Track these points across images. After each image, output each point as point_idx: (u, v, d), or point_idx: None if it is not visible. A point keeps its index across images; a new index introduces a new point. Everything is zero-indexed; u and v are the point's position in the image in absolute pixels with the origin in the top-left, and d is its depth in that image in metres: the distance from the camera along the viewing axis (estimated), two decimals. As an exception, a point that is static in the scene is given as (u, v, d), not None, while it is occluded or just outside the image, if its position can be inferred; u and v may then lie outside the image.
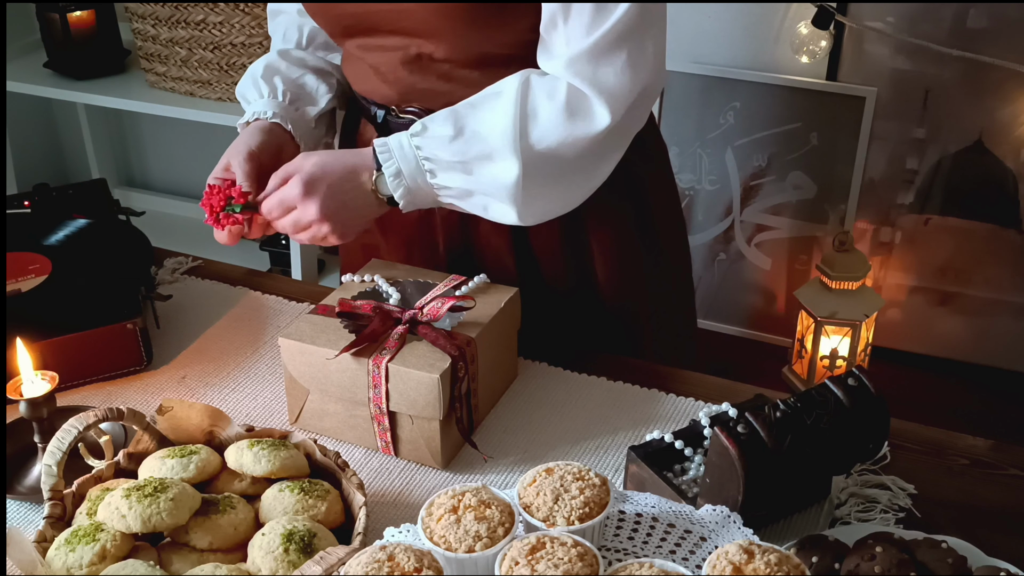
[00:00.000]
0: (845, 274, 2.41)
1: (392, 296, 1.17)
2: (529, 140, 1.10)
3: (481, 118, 1.12)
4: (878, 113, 2.46)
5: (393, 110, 1.25)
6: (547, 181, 1.13)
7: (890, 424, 0.99)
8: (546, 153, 1.10)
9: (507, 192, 1.11)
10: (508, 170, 1.10)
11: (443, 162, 1.12)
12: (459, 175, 1.12)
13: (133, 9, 2.54)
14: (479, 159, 1.11)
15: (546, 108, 1.10)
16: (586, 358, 1.26)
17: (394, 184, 1.13)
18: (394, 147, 1.13)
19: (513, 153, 1.09)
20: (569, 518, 0.85)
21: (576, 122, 1.10)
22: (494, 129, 1.10)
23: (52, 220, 1.40)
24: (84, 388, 1.22)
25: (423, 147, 1.12)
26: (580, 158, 1.13)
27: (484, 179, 1.12)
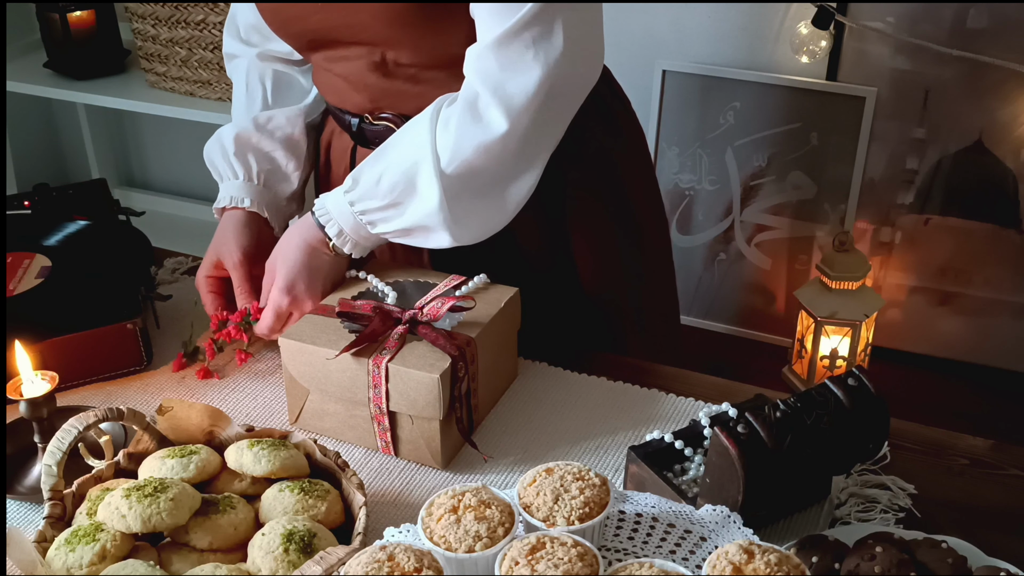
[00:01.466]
0: (845, 274, 2.41)
1: (388, 296, 1.17)
2: (442, 162, 1.10)
3: (400, 148, 1.13)
4: (878, 113, 2.46)
5: (367, 118, 1.27)
6: (469, 197, 1.12)
7: (890, 424, 0.99)
8: (461, 169, 1.10)
9: (435, 217, 1.12)
10: (430, 196, 1.11)
11: (376, 211, 1.15)
12: (394, 218, 1.15)
13: (133, 9, 2.54)
14: (404, 194, 1.13)
15: (453, 118, 1.10)
16: (586, 358, 1.26)
17: (340, 241, 1.18)
18: (331, 209, 1.17)
19: (432, 176, 1.10)
20: (569, 518, 0.85)
21: (476, 127, 1.08)
22: (412, 156, 1.11)
23: (52, 220, 1.39)
24: (84, 388, 1.22)
25: (356, 202, 1.15)
26: (493, 168, 1.11)
27: (415, 213, 1.13)
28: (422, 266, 1.33)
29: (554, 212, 1.29)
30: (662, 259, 1.49)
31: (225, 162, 1.34)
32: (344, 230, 1.17)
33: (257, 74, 1.38)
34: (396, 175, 1.12)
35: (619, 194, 1.36)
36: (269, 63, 1.39)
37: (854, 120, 2.47)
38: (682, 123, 2.63)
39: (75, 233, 1.38)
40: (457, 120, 1.09)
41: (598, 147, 1.30)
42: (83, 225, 1.39)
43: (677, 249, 2.72)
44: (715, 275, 2.75)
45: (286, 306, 1.19)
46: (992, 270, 2.54)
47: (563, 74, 1.07)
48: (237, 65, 1.41)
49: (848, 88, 2.46)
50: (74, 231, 1.38)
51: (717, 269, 2.75)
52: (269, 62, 1.39)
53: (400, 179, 1.12)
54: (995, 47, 2.29)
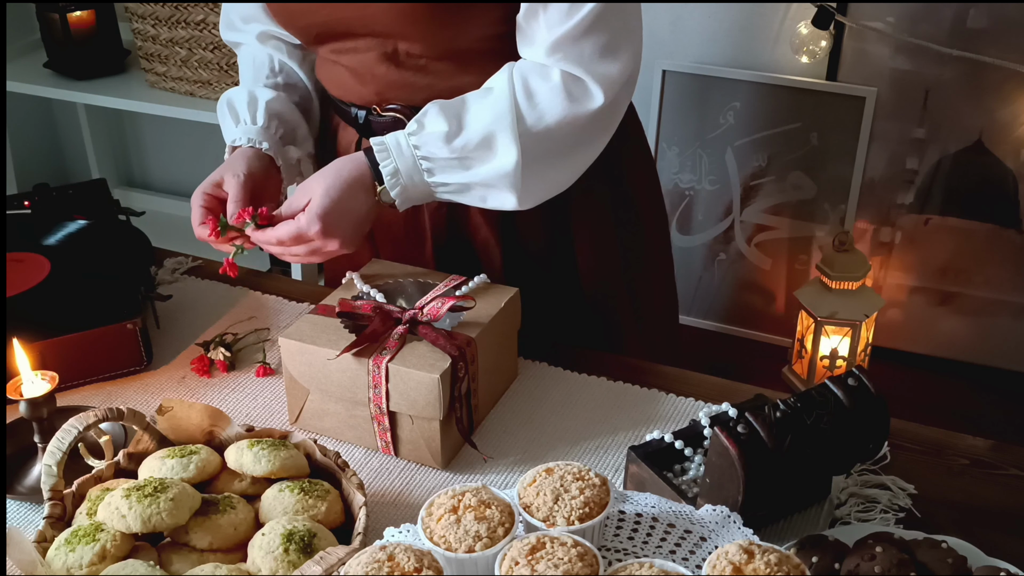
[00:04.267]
0: (845, 274, 2.41)
1: (376, 298, 1.16)
2: (527, 123, 1.12)
3: (476, 109, 1.13)
4: (878, 113, 2.46)
5: (374, 110, 1.26)
6: (543, 163, 1.14)
7: (890, 424, 0.99)
8: (543, 134, 1.12)
9: (507, 179, 1.13)
10: (507, 157, 1.12)
11: (441, 160, 1.13)
12: (457, 171, 1.13)
13: (133, 9, 2.54)
14: (477, 151, 1.12)
15: (543, 89, 1.12)
16: (586, 358, 1.26)
17: (391, 183, 1.14)
18: (392, 146, 1.14)
19: (511, 139, 1.11)
20: (569, 518, 0.85)
21: (572, 103, 1.13)
22: (491, 116, 1.12)
23: (52, 220, 1.39)
24: (84, 388, 1.22)
25: (421, 146, 1.13)
26: (574, 138, 1.15)
27: (482, 171, 1.13)
28: (425, 263, 1.33)
29: (557, 209, 1.29)
30: (662, 257, 1.49)
31: (245, 108, 1.30)
32: (400, 171, 1.13)
33: (264, 52, 1.37)
34: (471, 131, 1.12)
35: (622, 191, 1.36)
36: (269, 43, 1.37)
37: (854, 120, 2.47)
38: (682, 123, 2.63)
39: (75, 233, 1.38)
40: (551, 93, 1.12)
41: None
42: (83, 225, 1.39)
43: (677, 249, 2.72)
44: (715, 275, 2.75)
45: (313, 234, 1.11)
46: (992, 270, 2.54)
47: (637, 57, 1.17)
48: (241, 52, 1.41)
49: (848, 88, 2.46)
50: (74, 231, 1.38)
51: (717, 269, 2.75)
52: (269, 42, 1.37)
53: (475, 136, 1.12)
54: (995, 47, 2.29)
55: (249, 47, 1.39)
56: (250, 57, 1.38)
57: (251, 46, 1.39)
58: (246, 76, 1.38)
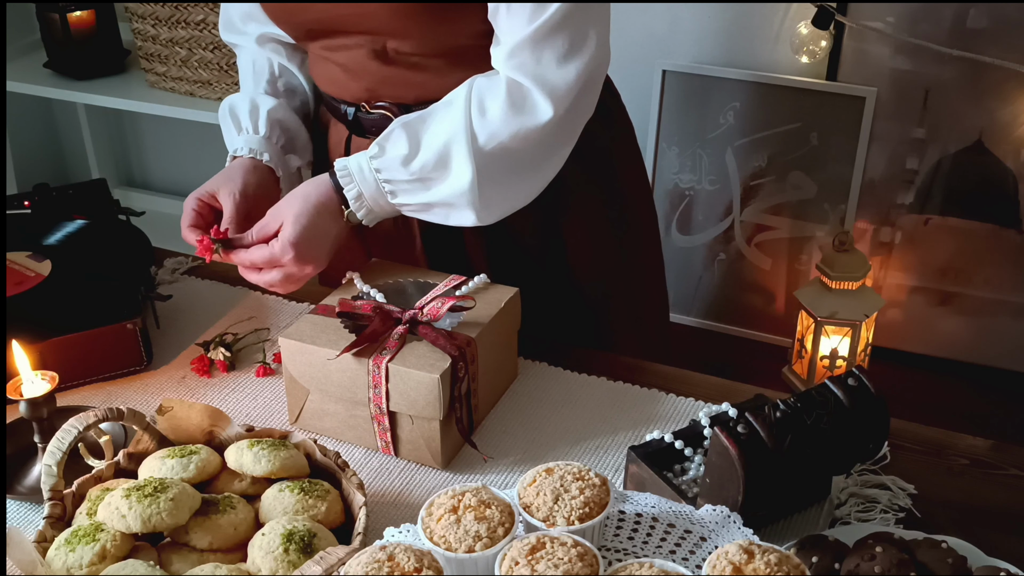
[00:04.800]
0: (845, 274, 2.41)
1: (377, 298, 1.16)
2: (479, 141, 1.12)
3: (434, 130, 1.14)
4: (878, 113, 2.46)
5: (363, 107, 1.26)
6: (501, 178, 1.15)
7: (890, 424, 0.99)
8: (497, 151, 1.12)
9: (464, 197, 1.13)
10: (463, 176, 1.12)
11: (402, 182, 1.14)
12: (418, 192, 1.15)
13: (133, 9, 2.54)
14: (435, 171, 1.13)
15: (493, 106, 1.12)
16: (586, 358, 1.26)
17: (356, 206, 1.16)
18: (354, 171, 1.15)
19: (466, 157, 1.11)
20: (569, 518, 0.85)
21: (519, 116, 1.12)
22: (446, 136, 1.12)
23: (52, 220, 1.40)
24: (84, 388, 1.22)
25: (382, 169, 1.14)
26: (529, 152, 1.14)
27: (442, 191, 1.14)
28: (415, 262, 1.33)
29: (548, 208, 1.29)
30: (653, 255, 1.50)
31: (247, 116, 1.31)
32: (364, 195, 1.15)
33: (263, 56, 1.38)
34: (428, 152, 1.13)
35: (613, 190, 1.36)
36: (268, 46, 1.38)
37: (854, 120, 2.47)
38: (682, 123, 2.63)
39: (75, 233, 1.38)
40: (500, 107, 1.12)
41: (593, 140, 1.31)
42: (83, 225, 1.39)
43: (677, 249, 2.72)
44: (715, 275, 2.75)
45: (286, 261, 1.14)
46: (992, 270, 2.53)
47: (596, 63, 1.13)
48: (241, 52, 1.42)
49: (848, 88, 2.46)
50: (74, 231, 1.38)
51: (717, 269, 2.75)
52: (268, 44, 1.38)
53: (431, 156, 1.13)
54: (995, 47, 2.29)
55: (248, 50, 1.39)
56: (250, 61, 1.38)
57: (250, 49, 1.39)
58: (247, 81, 1.38)
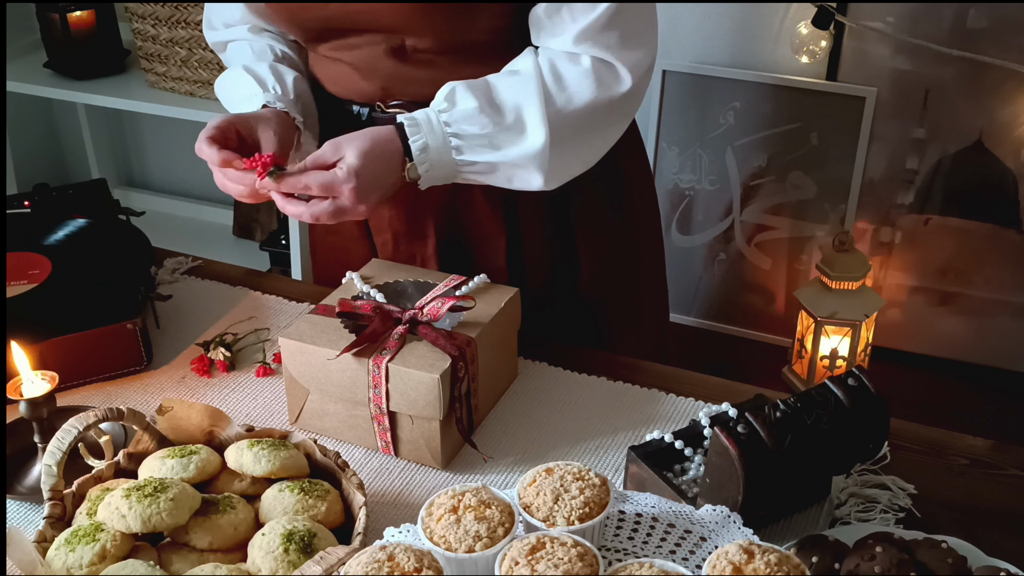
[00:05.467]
0: (845, 274, 2.41)
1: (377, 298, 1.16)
2: (556, 105, 1.13)
3: (504, 92, 1.14)
4: (878, 113, 2.46)
5: (378, 106, 1.25)
6: (570, 144, 1.16)
7: (890, 424, 0.99)
8: (571, 116, 1.14)
9: (535, 160, 1.14)
10: (536, 137, 1.13)
11: (471, 137, 1.13)
12: (486, 151, 1.14)
13: (133, 9, 2.54)
14: (506, 131, 1.13)
15: (572, 73, 1.14)
16: (586, 358, 1.26)
17: (420, 159, 1.13)
18: (422, 122, 1.13)
19: (541, 119, 1.12)
20: (569, 518, 0.85)
21: (601, 86, 1.15)
22: (520, 97, 1.13)
23: (52, 220, 1.40)
24: (84, 388, 1.22)
25: (451, 123, 1.13)
26: (600, 121, 1.18)
27: (511, 152, 1.14)
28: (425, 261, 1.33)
29: (559, 208, 1.30)
30: (656, 257, 1.50)
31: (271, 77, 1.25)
32: (429, 147, 1.13)
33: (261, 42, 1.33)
34: (500, 111, 1.13)
35: (620, 191, 1.37)
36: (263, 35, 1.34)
37: (854, 120, 2.47)
38: (682, 123, 2.63)
39: (75, 233, 1.38)
40: (579, 76, 1.15)
41: None
42: (83, 225, 1.39)
43: (677, 249, 2.72)
44: (715, 275, 2.75)
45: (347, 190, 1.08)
46: (992, 270, 2.53)
47: (655, 48, 1.21)
48: (233, 48, 1.36)
49: (848, 88, 2.46)
50: (74, 231, 1.38)
51: (717, 269, 2.75)
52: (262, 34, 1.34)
53: (503, 116, 1.13)
54: (995, 47, 2.29)
55: (241, 41, 1.35)
56: (246, 47, 1.33)
57: (243, 40, 1.35)
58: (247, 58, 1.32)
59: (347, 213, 1.11)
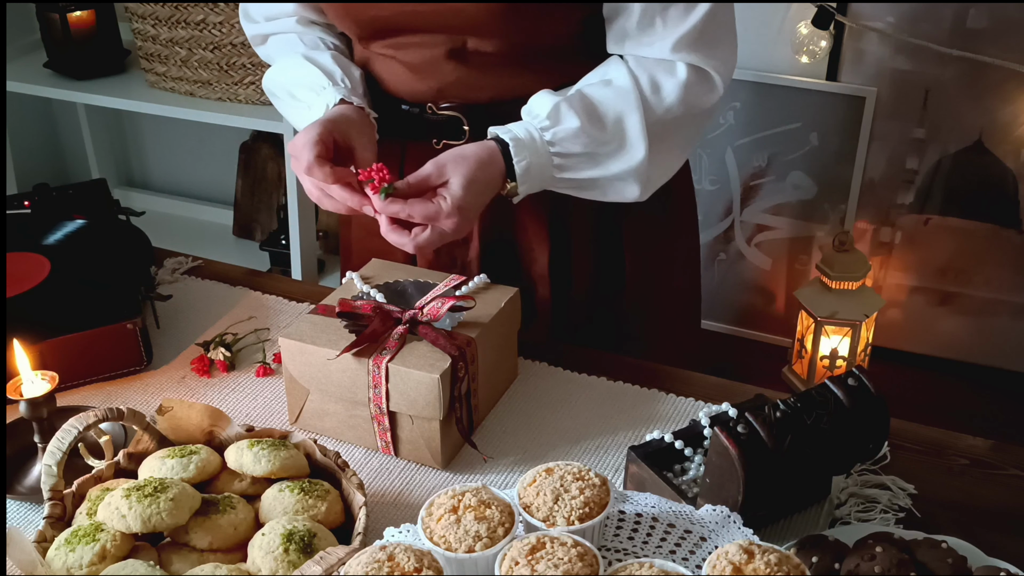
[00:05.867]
0: (845, 274, 2.41)
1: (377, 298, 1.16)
2: (655, 116, 1.13)
3: (603, 105, 1.13)
4: (878, 113, 2.46)
5: (430, 107, 1.23)
6: (666, 154, 1.17)
7: (890, 424, 0.99)
8: (669, 126, 1.14)
9: (634, 173, 1.14)
10: (637, 151, 1.12)
11: (573, 155, 1.12)
12: (587, 167, 1.13)
13: (133, 9, 2.54)
14: (607, 146, 1.12)
15: (669, 83, 1.14)
16: (586, 358, 1.26)
17: (522, 179, 1.11)
18: (527, 142, 1.11)
19: (641, 132, 1.12)
20: (569, 518, 0.85)
21: (697, 94, 1.15)
22: (621, 110, 1.12)
23: (52, 220, 1.39)
24: (84, 388, 1.22)
25: (555, 142, 1.12)
26: (694, 128, 1.19)
27: (612, 166, 1.13)
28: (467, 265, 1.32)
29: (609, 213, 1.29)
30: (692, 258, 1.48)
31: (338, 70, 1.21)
32: (532, 167, 1.11)
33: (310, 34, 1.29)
34: (602, 126, 1.12)
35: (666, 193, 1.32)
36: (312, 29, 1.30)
37: (854, 120, 2.47)
38: (682, 123, 2.63)
39: (75, 233, 1.38)
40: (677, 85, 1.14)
41: None
42: (83, 225, 1.39)
43: (677, 249, 2.72)
44: (715, 275, 2.75)
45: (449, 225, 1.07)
46: (992, 270, 2.53)
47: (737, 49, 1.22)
48: (276, 41, 1.33)
49: (848, 88, 2.46)
50: (74, 231, 1.38)
51: (717, 269, 2.75)
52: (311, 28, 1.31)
53: (605, 131, 1.12)
54: (995, 47, 2.29)
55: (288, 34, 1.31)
56: (295, 39, 1.29)
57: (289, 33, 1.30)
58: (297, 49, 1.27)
59: (448, 239, 1.11)
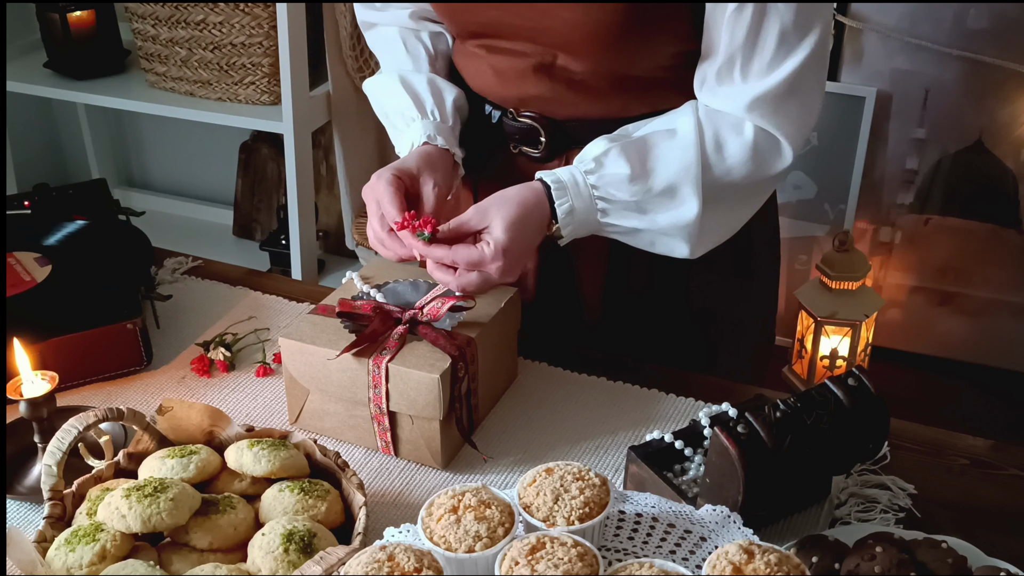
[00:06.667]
0: (845, 274, 2.41)
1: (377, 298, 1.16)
2: (713, 174, 1.09)
3: (659, 156, 1.09)
4: (878, 113, 2.46)
5: (511, 112, 1.21)
6: (722, 216, 1.12)
7: (890, 424, 0.99)
8: (726, 188, 1.10)
9: (684, 230, 1.10)
10: (688, 208, 1.09)
11: (619, 202, 1.09)
12: (633, 216, 1.10)
13: (133, 9, 2.54)
14: (658, 198, 1.09)
15: (735, 144, 1.09)
16: (586, 358, 1.26)
17: (565, 222, 1.09)
18: (569, 184, 1.09)
19: (694, 190, 1.08)
20: (569, 518, 0.85)
21: (761, 161, 1.10)
22: (677, 165, 1.08)
23: (52, 220, 1.40)
24: (84, 388, 1.22)
25: (599, 187, 1.09)
26: (754, 195, 1.14)
27: (660, 219, 1.10)
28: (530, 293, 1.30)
29: None
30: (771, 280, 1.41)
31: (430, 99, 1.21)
32: (575, 210, 1.09)
33: (413, 35, 1.29)
34: (653, 177, 1.08)
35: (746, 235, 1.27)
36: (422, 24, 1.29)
37: (854, 120, 2.47)
38: (682, 123, 2.63)
39: (75, 233, 1.38)
40: (743, 148, 1.09)
41: None
42: (83, 225, 1.39)
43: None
44: (715, 275, 2.75)
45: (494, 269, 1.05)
46: (992, 270, 2.54)
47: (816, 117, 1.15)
48: (379, 33, 1.32)
49: (848, 88, 2.46)
50: (74, 231, 1.38)
51: (717, 269, 2.74)
52: (422, 23, 1.29)
53: (657, 183, 1.08)
54: (995, 47, 2.30)
55: (391, 28, 1.30)
56: (398, 38, 1.28)
57: (395, 27, 1.30)
58: (400, 58, 1.28)
59: (494, 284, 1.08)
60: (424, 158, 1.16)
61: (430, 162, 1.16)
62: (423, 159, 1.16)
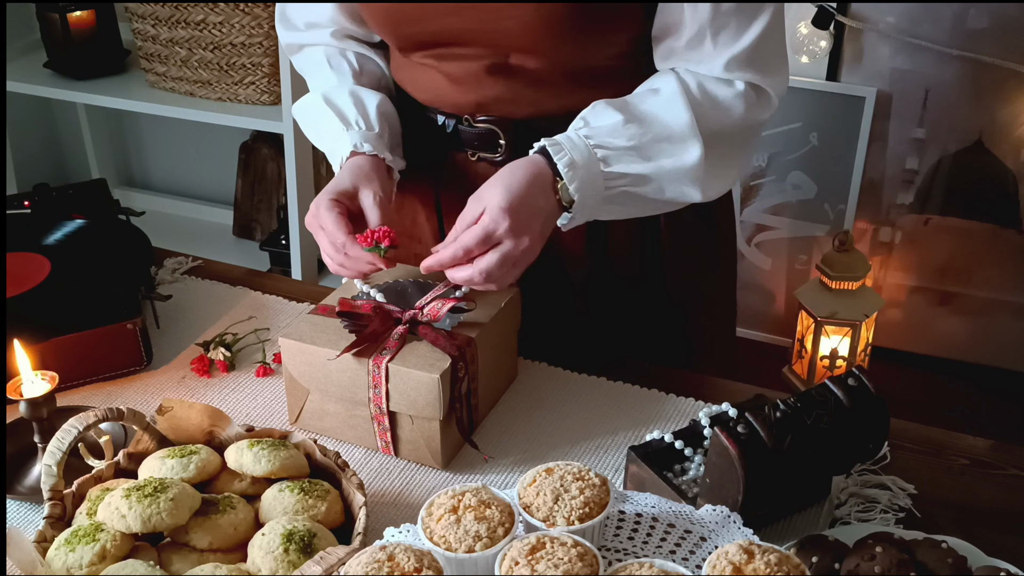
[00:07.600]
0: (845, 274, 2.41)
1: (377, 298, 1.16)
2: (709, 122, 1.12)
3: (648, 109, 1.11)
4: (878, 113, 2.46)
5: (466, 119, 1.21)
6: (725, 161, 1.15)
7: (890, 424, 0.99)
8: (726, 135, 1.14)
9: (690, 172, 1.12)
10: (691, 153, 1.11)
11: (618, 149, 1.10)
12: (635, 161, 1.10)
13: (133, 9, 2.54)
14: (656, 143, 1.10)
15: (727, 94, 1.13)
16: (586, 358, 1.26)
17: (569, 176, 1.07)
18: (563, 142, 1.09)
19: (693, 135, 1.10)
20: (569, 518, 0.85)
21: (753, 108, 1.15)
22: (668, 117, 1.11)
23: (52, 220, 1.40)
24: (84, 388, 1.22)
25: (593, 136, 1.09)
26: (748, 141, 1.19)
27: (665, 162, 1.11)
28: None
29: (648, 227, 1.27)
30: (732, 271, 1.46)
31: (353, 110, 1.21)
32: (576, 162, 1.07)
33: (338, 53, 1.29)
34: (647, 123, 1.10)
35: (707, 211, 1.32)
36: (346, 43, 1.30)
37: (854, 120, 2.47)
38: (682, 123, 2.63)
39: (75, 233, 1.38)
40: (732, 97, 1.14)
41: None
42: (83, 225, 1.39)
43: (677, 249, 2.72)
44: (715, 275, 2.75)
45: (502, 232, 1.03)
46: (992, 270, 2.54)
47: None
48: (305, 55, 1.32)
49: (848, 88, 2.46)
50: (74, 231, 1.38)
51: (717, 269, 2.75)
52: (346, 42, 1.30)
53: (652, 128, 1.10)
54: (995, 47, 2.30)
55: (316, 48, 1.30)
56: (323, 58, 1.29)
57: (319, 47, 1.30)
58: (325, 75, 1.28)
59: (515, 258, 1.05)
60: (355, 171, 1.15)
61: (363, 174, 1.15)
62: (355, 172, 1.15)
